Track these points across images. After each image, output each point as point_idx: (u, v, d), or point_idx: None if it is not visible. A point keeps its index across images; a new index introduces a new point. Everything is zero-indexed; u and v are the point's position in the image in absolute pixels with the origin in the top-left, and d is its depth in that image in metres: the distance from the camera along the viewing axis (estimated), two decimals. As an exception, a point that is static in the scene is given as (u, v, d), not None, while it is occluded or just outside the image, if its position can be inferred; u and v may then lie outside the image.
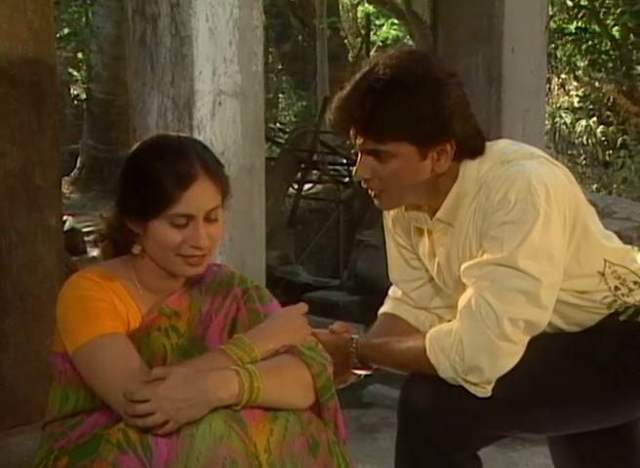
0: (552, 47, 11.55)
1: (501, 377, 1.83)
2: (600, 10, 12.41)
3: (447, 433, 1.86)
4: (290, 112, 16.78)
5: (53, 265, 3.06)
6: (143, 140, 1.81)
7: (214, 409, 1.55)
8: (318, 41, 13.22)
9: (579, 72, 12.97)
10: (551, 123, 11.40)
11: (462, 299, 1.85)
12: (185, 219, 1.70)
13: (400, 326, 2.13)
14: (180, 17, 2.54)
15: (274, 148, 9.33)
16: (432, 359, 1.84)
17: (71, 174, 11.06)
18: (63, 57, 14.77)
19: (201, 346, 1.74)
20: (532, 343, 1.85)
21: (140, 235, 1.74)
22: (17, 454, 2.84)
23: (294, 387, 1.65)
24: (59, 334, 1.72)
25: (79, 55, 15.87)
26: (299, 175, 7.61)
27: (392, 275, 2.19)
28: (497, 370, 1.82)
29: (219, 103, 2.59)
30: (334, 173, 8.09)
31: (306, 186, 7.92)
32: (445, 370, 1.83)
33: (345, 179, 7.90)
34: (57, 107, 3.10)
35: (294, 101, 16.83)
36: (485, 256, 1.83)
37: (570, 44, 12.84)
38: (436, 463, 1.88)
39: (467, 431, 1.88)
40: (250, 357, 1.66)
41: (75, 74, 16.03)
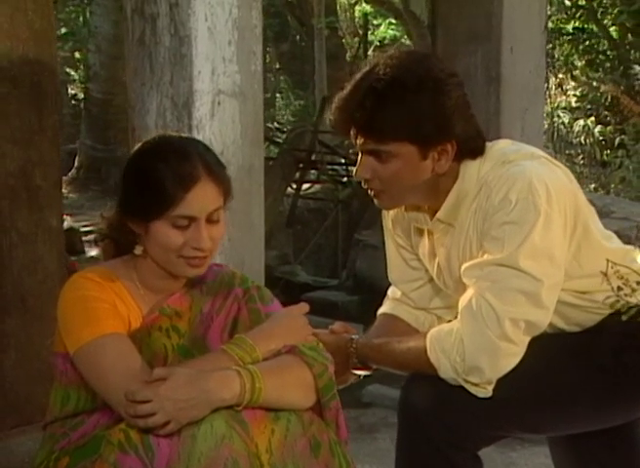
0: (550, 47, 11.56)
1: (502, 378, 1.83)
2: (598, 10, 12.42)
3: (447, 433, 1.86)
4: (287, 112, 16.78)
5: (53, 265, 3.06)
6: (145, 141, 1.81)
7: (215, 410, 1.55)
8: (316, 41, 13.21)
9: (576, 72, 12.97)
10: (549, 123, 11.40)
11: (463, 300, 1.85)
12: (187, 221, 1.70)
13: (399, 326, 2.13)
14: (180, 16, 2.54)
15: (272, 148, 9.32)
16: (433, 359, 1.84)
17: (69, 173, 11.04)
18: (61, 56, 14.74)
19: (202, 346, 1.73)
20: (532, 344, 1.84)
21: (142, 236, 1.74)
22: (17, 455, 2.84)
23: (295, 387, 1.65)
24: (59, 335, 1.72)
25: (76, 54, 15.85)
26: (297, 174, 7.61)
27: (392, 275, 2.19)
28: (497, 371, 1.82)
29: (218, 103, 2.59)
30: (332, 172, 8.08)
31: (305, 186, 7.91)
32: (445, 371, 1.83)
33: (344, 179, 7.89)
34: (57, 107, 3.10)
35: (291, 101, 16.83)
36: (486, 257, 1.83)
37: (567, 44, 12.85)
38: (436, 463, 1.88)
39: (467, 431, 1.88)
40: (251, 357, 1.66)
41: (72, 74, 16.02)
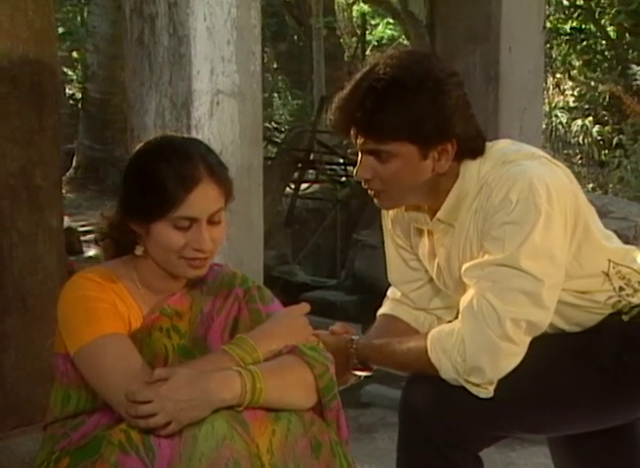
0: (547, 46, 11.56)
1: (502, 378, 1.83)
2: (596, 9, 12.42)
3: (447, 433, 1.86)
4: (285, 111, 16.76)
5: (54, 266, 3.05)
6: (147, 141, 1.80)
7: (216, 410, 1.55)
8: (314, 40, 13.20)
9: (574, 72, 12.98)
10: (547, 122, 11.40)
11: (464, 300, 1.85)
12: (189, 222, 1.69)
13: (399, 327, 2.13)
14: (178, 16, 2.54)
15: (270, 148, 9.32)
16: (434, 360, 1.84)
17: (67, 173, 11.03)
18: (58, 56, 14.72)
19: (202, 346, 1.73)
20: (532, 344, 1.84)
21: (143, 236, 1.73)
22: (18, 455, 2.83)
23: (296, 388, 1.65)
24: (60, 335, 1.72)
25: (74, 54, 15.83)
26: (295, 174, 7.61)
27: (391, 276, 2.18)
28: (498, 371, 1.82)
29: (216, 103, 2.59)
30: (331, 172, 8.08)
31: (303, 186, 7.90)
32: (447, 371, 1.83)
33: (342, 179, 7.90)
34: (57, 107, 3.10)
35: (289, 101, 16.81)
36: (486, 257, 1.82)
37: (565, 44, 12.85)
38: (436, 463, 1.88)
39: (468, 431, 1.88)
40: (252, 358, 1.66)
41: (70, 74, 16.00)
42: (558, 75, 13.11)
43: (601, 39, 12.62)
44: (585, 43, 12.77)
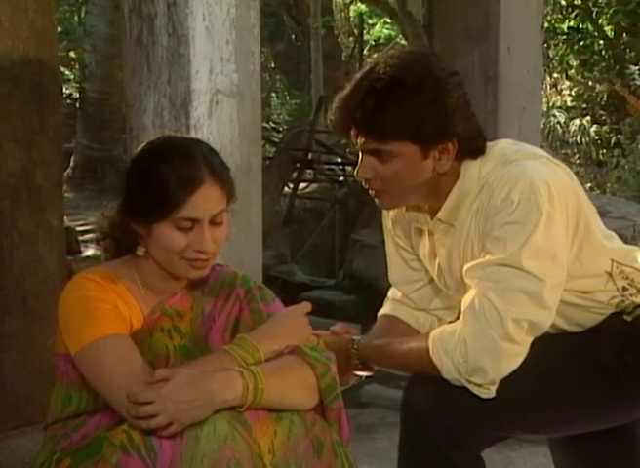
0: (545, 46, 11.55)
1: (503, 378, 1.83)
2: (593, 9, 12.43)
3: (448, 433, 1.86)
4: (283, 111, 16.76)
5: (54, 266, 3.04)
6: (150, 141, 1.80)
7: (218, 411, 1.54)
8: (312, 40, 13.20)
9: (571, 72, 12.99)
10: (545, 122, 11.41)
11: (466, 300, 1.84)
12: (191, 223, 1.69)
13: (400, 327, 2.12)
14: (177, 16, 2.54)
15: (268, 148, 9.32)
16: (436, 360, 1.84)
17: (65, 173, 11.02)
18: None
19: (204, 347, 1.73)
20: (533, 344, 1.84)
21: (144, 237, 1.73)
22: (18, 456, 2.83)
23: (298, 388, 1.64)
24: (61, 335, 1.71)
25: (71, 53, 15.81)
26: (294, 174, 7.61)
27: (392, 276, 2.18)
28: (500, 372, 1.81)
29: (215, 103, 2.58)
30: (329, 172, 8.09)
31: (302, 185, 7.91)
32: (448, 372, 1.83)
33: (341, 179, 7.91)
34: (58, 107, 3.10)
35: (287, 100, 16.81)
36: (488, 257, 1.82)
37: (562, 43, 12.86)
38: (437, 464, 1.87)
39: (468, 432, 1.88)
40: (254, 358, 1.65)
41: (67, 73, 15.97)
42: (555, 75, 13.12)
43: (598, 39, 12.63)
44: (583, 43, 12.78)
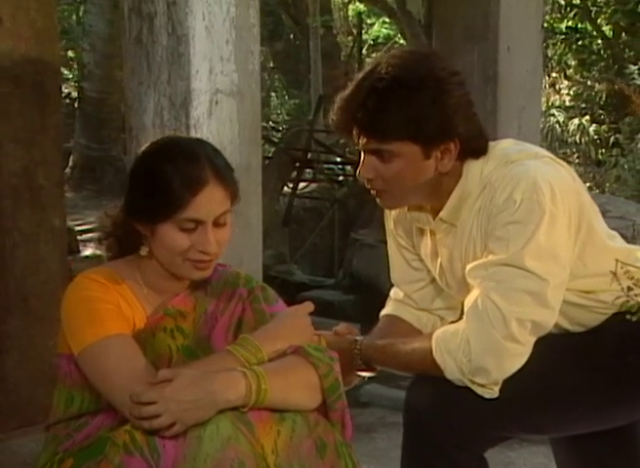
0: (543, 46, 11.55)
1: (506, 378, 1.83)
2: (592, 9, 12.43)
3: (450, 434, 1.85)
4: (282, 111, 16.75)
5: (56, 266, 3.04)
6: (154, 141, 1.79)
7: (221, 411, 1.54)
8: (311, 39, 13.18)
9: (569, 71, 12.99)
10: (544, 122, 11.41)
11: (469, 300, 1.84)
12: (194, 224, 1.69)
13: (402, 327, 2.12)
14: (177, 15, 2.53)
15: (268, 147, 9.32)
16: (439, 360, 1.83)
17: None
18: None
19: (206, 347, 1.73)
20: (536, 344, 1.84)
21: (148, 237, 1.72)
22: (20, 456, 2.83)
23: (301, 388, 1.64)
24: (63, 336, 1.71)
25: (70, 53, 15.79)
26: (293, 173, 7.61)
27: (394, 276, 2.18)
28: (503, 372, 1.81)
29: (215, 102, 2.58)
30: (328, 171, 8.10)
31: (301, 185, 7.91)
32: (451, 372, 1.82)
33: (340, 178, 7.90)
34: (59, 107, 3.10)
35: (286, 100, 16.81)
36: (490, 257, 1.82)
37: (560, 43, 12.86)
38: (440, 464, 1.87)
39: (470, 432, 1.87)
40: (257, 358, 1.65)
41: (66, 72, 15.96)
42: (554, 74, 13.12)
43: (597, 38, 12.64)
44: (581, 42, 12.78)
